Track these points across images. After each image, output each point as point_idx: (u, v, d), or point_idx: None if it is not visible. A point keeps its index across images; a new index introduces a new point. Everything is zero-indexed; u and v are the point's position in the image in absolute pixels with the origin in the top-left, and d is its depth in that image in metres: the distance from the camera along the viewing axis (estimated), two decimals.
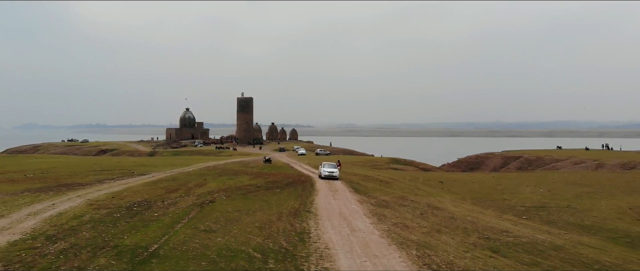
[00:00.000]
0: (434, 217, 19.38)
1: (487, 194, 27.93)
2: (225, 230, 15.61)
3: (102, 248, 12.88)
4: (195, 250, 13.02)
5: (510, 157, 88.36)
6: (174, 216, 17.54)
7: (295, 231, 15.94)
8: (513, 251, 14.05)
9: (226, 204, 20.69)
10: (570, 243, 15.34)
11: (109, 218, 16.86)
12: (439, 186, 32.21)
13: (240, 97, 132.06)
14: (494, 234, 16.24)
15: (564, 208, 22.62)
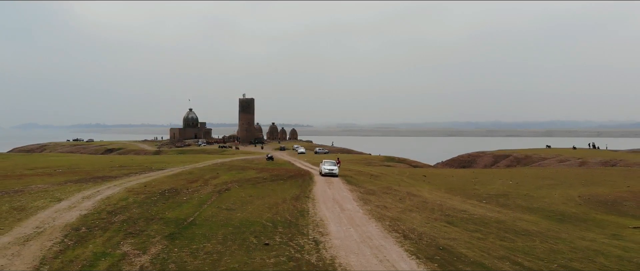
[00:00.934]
0: (409, 201, 23.70)
1: (461, 185, 32.24)
2: (242, 209, 19.90)
3: (152, 219, 17.18)
4: (221, 221, 17.31)
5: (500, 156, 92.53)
6: (199, 200, 21.84)
7: (297, 210, 20.23)
8: (464, 223, 18.37)
9: (239, 191, 24.99)
10: (511, 218, 19.67)
11: (148, 200, 21.16)
12: (421, 179, 36.49)
13: (242, 98, 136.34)
14: (453, 212, 20.56)
15: (522, 196, 26.97)
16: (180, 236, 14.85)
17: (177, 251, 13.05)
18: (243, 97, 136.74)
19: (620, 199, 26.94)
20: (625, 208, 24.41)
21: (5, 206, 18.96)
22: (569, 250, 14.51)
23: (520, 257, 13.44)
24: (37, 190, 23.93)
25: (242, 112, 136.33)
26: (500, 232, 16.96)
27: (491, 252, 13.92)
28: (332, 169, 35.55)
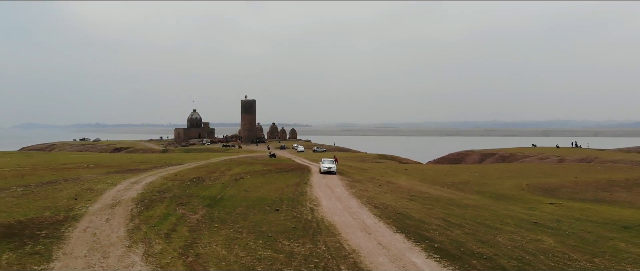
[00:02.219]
0: (386, 187, 29.93)
1: (434, 177, 38.46)
2: (255, 191, 26.11)
3: (191, 196, 23.38)
4: (242, 198, 23.50)
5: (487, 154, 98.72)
6: (222, 184, 28.06)
7: (297, 191, 26.43)
8: (422, 199, 24.61)
9: (251, 179, 31.21)
10: (459, 197, 25.92)
11: (183, 184, 27.37)
12: (402, 172, 42.68)
13: (244, 100, 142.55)
14: (417, 194, 26.81)
15: (480, 184, 33.21)
16: (216, 205, 21.06)
17: (217, 213, 19.25)
18: (245, 99, 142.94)
19: (560, 187, 33.20)
20: (559, 193, 30.64)
21: (77, 188, 25.16)
22: (488, 215, 20.72)
23: (451, 218, 19.66)
24: (91, 178, 30.13)
25: (244, 113, 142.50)
26: (446, 205, 23.19)
27: (432, 215, 20.13)
28: (330, 167, 37.26)
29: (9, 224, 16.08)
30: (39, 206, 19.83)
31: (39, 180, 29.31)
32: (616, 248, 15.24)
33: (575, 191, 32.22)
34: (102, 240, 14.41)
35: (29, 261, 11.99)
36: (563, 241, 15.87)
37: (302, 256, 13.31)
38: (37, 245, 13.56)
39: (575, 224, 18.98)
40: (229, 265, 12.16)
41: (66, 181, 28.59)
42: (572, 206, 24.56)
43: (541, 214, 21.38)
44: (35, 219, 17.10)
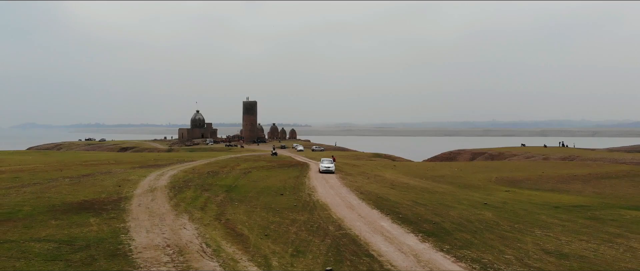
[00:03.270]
0: (373, 179, 35.17)
1: (416, 171, 43.68)
2: (263, 181, 31.33)
3: (211, 185, 28.59)
4: (252, 186, 28.71)
5: (478, 153, 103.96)
6: (234, 176, 33.28)
7: (298, 182, 31.65)
8: (400, 188, 29.84)
9: (258, 173, 36.43)
10: (432, 186, 31.18)
11: (201, 176, 32.58)
12: (391, 168, 47.92)
13: (246, 101, 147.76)
14: (398, 184, 32.06)
15: (454, 177, 38.44)
16: (232, 191, 26.30)
17: (234, 196, 24.49)
18: (246, 100, 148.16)
19: (525, 179, 38.45)
20: (521, 184, 35.89)
21: (115, 179, 30.38)
22: (450, 198, 25.95)
23: (419, 200, 24.89)
24: (121, 172, 35.33)
25: (246, 114, 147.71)
26: (419, 192, 28.44)
27: (405, 198, 25.37)
28: (328, 167, 38.49)
29: (80, 202, 21.30)
30: (93, 191, 25.05)
31: (77, 173, 34.49)
32: (537, 219, 20.48)
33: (537, 182, 37.46)
34: (155, 211, 19.64)
35: (111, 223, 17.20)
36: (499, 215, 21.11)
37: (302, 221, 18.55)
38: (110, 214, 18.78)
39: (516, 205, 24.24)
40: (251, 225, 17.40)
41: (101, 174, 33.79)
42: (523, 193, 29.83)
43: (493, 199, 26.63)
44: (96, 199, 22.32)
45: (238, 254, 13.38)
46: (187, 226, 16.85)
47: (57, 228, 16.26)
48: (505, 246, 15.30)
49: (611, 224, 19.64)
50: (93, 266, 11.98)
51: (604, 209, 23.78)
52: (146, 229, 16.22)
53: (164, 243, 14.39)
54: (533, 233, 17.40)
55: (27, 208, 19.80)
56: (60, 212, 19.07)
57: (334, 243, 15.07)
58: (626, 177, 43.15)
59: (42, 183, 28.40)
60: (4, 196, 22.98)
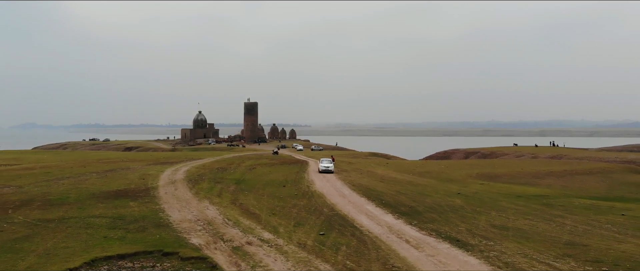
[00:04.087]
0: (366, 174, 39.28)
1: (406, 168, 47.77)
2: (267, 176, 35.44)
3: (222, 178, 32.70)
4: (258, 180, 32.82)
5: (471, 152, 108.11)
6: (241, 172, 37.39)
7: (298, 177, 35.74)
8: (388, 181, 33.97)
9: (262, 169, 40.54)
10: (416, 180, 35.30)
11: (212, 172, 36.67)
12: (384, 165, 52.01)
13: (247, 102, 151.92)
14: (387, 178, 36.18)
15: (439, 173, 42.52)
16: (241, 183, 30.40)
17: (244, 187, 28.59)
18: (248, 101, 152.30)
19: (503, 175, 42.52)
20: (499, 179, 39.95)
21: (137, 174, 34.46)
22: (429, 189, 30.04)
23: (402, 190, 29.00)
24: (139, 168, 39.41)
25: (247, 115, 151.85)
26: (404, 184, 32.54)
27: (390, 189, 29.47)
28: (328, 167, 39.15)
29: (115, 191, 25.42)
30: (122, 182, 29.15)
31: (100, 169, 38.57)
32: (497, 204, 24.58)
33: (514, 177, 41.54)
34: (180, 197, 23.75)
35: (148, 205, 21.29)
36: (466, 202, 25.21)
37: (302, 205, 22.66)
38: (144, 199, 22.88)
39: (485, 195, 28.36)
40: (260, 207, 21.52)
41: (122, 170, 37.88)
42: (496, 185, 33.97)
43: (467, 190, 30.75)
44: (128, 189, 26.42)
45: (253, 225, 17.50)
46: (209, 208, 20.96)
47: (105, 208, 20.37)
48: (462, 222, 19.40)
49: (558, 209, 23.76)
50: (146, 232, 16.08)
51: (559, 198, 27.91)
52: (177, 209, 20.33)
53: (194, 218, 18.51)
54: (489, 214, 21.50)
55: (73, 195, 23.91)
56: (102, 198, 23.18)
57: (327, 219, 19.17)
58: (599, 173, 47.28)
59: (74, 177, 32.50)
60: (48, 187, 27.09)
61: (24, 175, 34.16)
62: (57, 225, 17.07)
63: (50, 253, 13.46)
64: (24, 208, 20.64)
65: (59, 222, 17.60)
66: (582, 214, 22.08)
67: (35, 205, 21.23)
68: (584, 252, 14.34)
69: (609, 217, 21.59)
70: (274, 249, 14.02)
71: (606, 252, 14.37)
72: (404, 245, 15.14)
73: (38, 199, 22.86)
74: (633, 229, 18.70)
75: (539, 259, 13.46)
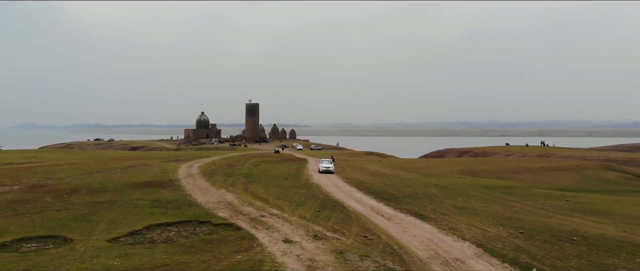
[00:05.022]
0: (359, 170, 44.03)
1: (397, 165, 52.51)
2: (271, 171, 40.18)
3: (232, 173, 37.45)
4: (263, 174, 37.56)
5: (464, 151, 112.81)
6: (248, 168, 42.13)
7: (298, 172, 40.47)
8: (378, 176, 38.73)
9: (266, 165, 45.28)
10: (402, 175, 40.07)
11: (222, 167, 41.40)
12: (377, 163, 56.74)
13: (248, 103, 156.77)
14: (377, 173, 40.94)
15: (426, 169, 47.26)
16: (249, 177, 35.14)
17: (252, 179, 33.32)
18: (249, 102, 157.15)
19: (483, 171, 47.25)
20: (478, 174, 44.67)
21: (157, 168, 39.16)
22: (412, 182, 34.75)
23: (388, 182, 33.72)
24: (156, 164, 44.13)
25: (248, 115, 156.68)
26: (391, 178, 37.27)
27: (378, 181, 34.18)
28: (328, 167, 39.99)
29: (144, 182, 30.15)
30: (147, 175, 33.88)
31: (121, 165, 43.31)
32: (466, 192, 29.26)
33: (493, 173, 46.28)
34: (200, 186, 28.50)
35: (176, 192, 26.00)
36: (441, 191, 29.92)
37: (302, 192, 27.41)
38: (171, 188, 27.61)
39: (459, 186, 33.09)
40: (268, 193, 26.28)
41: (142, 166, 42.62)
42: (472, 179, 38.71)
43: (445, 182, 35.49)
44: (154, 180, 31.16)
45: (263, 205, 22.25)
46: (227, 194, 25.71)
47: (142, 194, 25.12)
48: (430, 204, 24.14)
49: (515, 196, 28.48)
50: (181, 209, 20.81)
51: (522, 189, 32.67)
52: (201, 195, 25.10)
53: (216, 200, 23.27)
54: (455, 199, 26.24)
55: (111, 185, 28.67)
56: (135, 187, 27.93)
57: (322, 202, 23.92)
58: (573, 170, 52.00)
59: (103, 172, 37.27)
60: (85, 179, 31.86)
61: (56, 170, 38.91)
62: (110, 205, 21.80)
63: (115, 222, 18.19)
64: (75, 194, 25.39)
65: (110, 203, 22.34)
66: (533, 200, 26.80)
67: (83, 192, 25.99)
68: (514, 223, 19.05)
69: (555, 202, 26.32)
70: (281, 219, 18.75)
71: (531, 223, 19.07)
72: (379, 217, 19.87)
73: (82, 188, 27.61)
74: (567, 210, 23.41)
75: (476, 226, 18.19)
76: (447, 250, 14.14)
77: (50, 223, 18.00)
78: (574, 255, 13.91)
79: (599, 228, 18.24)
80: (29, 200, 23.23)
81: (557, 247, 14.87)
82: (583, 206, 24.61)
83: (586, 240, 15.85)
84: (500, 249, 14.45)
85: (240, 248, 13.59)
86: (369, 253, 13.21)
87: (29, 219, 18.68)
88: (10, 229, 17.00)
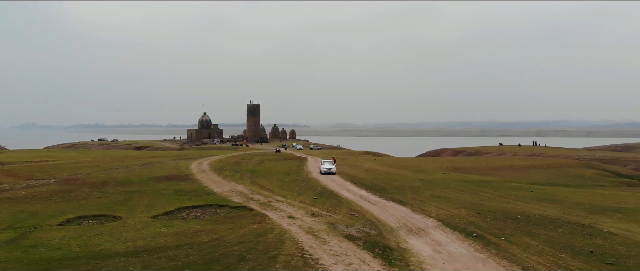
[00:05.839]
0: (353, 167, 48.19)
1: (389, 163, 56.65)
2: (273, 167, 44.35)
3: (239, 169, 41.64)
4: (267, 170, 41.74)
5: (458, 151, 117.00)
6: (252, 165, 46.30)
7: (299, 168, 44.63)
8: (371, 171, 42.91)
9: (269, 163, 49.43)
10: (392, 171, 44.27)
11: (230, 164, 45.57)
12: (371, 161, 60.91)
13: (250, 104, 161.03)
14: (370, 169, 45.12)
15: (415, 166, 51.41)
16: (255, 172, 39.30)
17: (257, 174, 37.49)
18: (250, 103, 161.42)
19: (468, 168, 51.40)
20: (463, 171, 48.81)
21: (171, 165, 43.28)
22: (400, 177, 38.88)
23: (378, 177, 37.87)
24: (169, 162, 48.26)
25: (250, 116, 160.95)
26: (382, 173, 41.43)
27: (370, 176, 38.32)
28: (330, 168, 40.58)
29: (163, 176, 34.31)
30: (163, 171, 38.01)
31: (137, 163, 47.44)
32: (445, 185, 33.38)
33: (477, 170, 50.41)
34: (214, 180, 32.66)
35: (194, 184, 30.14)
36: (424, 184, 34.06)
37: (302, 185, 31.57)
38: (189, 180, 31.77)
39: (441, 180, 37.23)
40: (273, 185, 30.45)
41: (156, 163, 46.76)
42: (455, 175, 42.86)
43: (430, 177, 39.63)
44: (172, 175, 35.31)
45: (270, 194, 26.43)
46: (237, 185, 29.89)
47: (165, 185, 29.28)
48: (411, 194, 28.28)
49: (489, 188, 32.60)
50: (202, 197, 24.97)
51: (497, 183, 36.81)
52: (216, 186, 29.29)
53: (229, 190, 27.45)
54: (434, 190, 30.38)
55: (135, 179, 32.83)
56: (157, 180, 32.09)
57: (319, 192, 28.08)
58: (555, 167, 56.20)
59: (123, 168, 41.43)
60: (109, 174, 36.01)
61: (80, 167, 43.06)
62: (140, 194, 25.96)
63: (150, 205, 22.33)
64: (106, 186, 29.53)
65: (140, 192, 26.50)
66: (502, 191, 30.94)
67: (113, 184, 30.14)
68: (476, 207, 23.20)
69: (520, 193, 30.45)
70: (285, 203, 22.93)
71: (490, 207, 23.21)
72: (366, 203, 24.04)
73: (111, 181, 31.76)
74: (527, 198, 27.54)
75: (443, 209, 22.35)
76: (413, 223, 18.30)
77: (97, 206, 22.16)
78: (512, 227, 18.07)
79: (545, 210, 22.41)
80: (70, 190, 27.37)
81: (502, 222, 19.03)
82: (543, 196, 28.76)
83: (528, 218, 20.00)
84: (456, 223, 18.61)
85: (255, 221, 17.77)
86: (353, 224, 17.39)
87: (78, 204, 22.83)
88: (67, 210, 21.14)
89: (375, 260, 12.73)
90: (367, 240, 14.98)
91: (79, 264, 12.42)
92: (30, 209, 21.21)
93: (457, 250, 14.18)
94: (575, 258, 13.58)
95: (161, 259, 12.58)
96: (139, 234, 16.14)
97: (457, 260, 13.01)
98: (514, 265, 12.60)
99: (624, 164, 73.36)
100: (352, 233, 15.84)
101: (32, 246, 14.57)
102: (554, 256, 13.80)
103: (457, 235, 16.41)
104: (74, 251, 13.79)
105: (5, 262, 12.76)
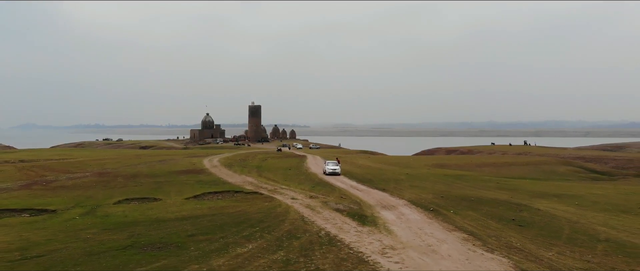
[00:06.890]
0: (349, 164, 53.62)
1: (382, 160, 62.05)
2: (276, 164, 49.78)
3: (246, 165, 47.07)
4: (271, 166, 47.17)
5: (452, 150, 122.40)
6: (257, 162, 51.75)
7: (299, 165, 50.05)
8: (363, 167, 48.38)
9: (272, 160, 54.86)
10: (383, 167, 49.74)
11: (237, 161, 50.99)
12: (366, 158, 66.32)
13: (251, 105, 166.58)
14: (363, 166, 50.56)
15: (406, 163, 56.82)
16: (260, 168, 44.74)
17: (262, 170, 42.93)
18: (252, 105, 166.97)
19: (452, 165, 56.80)
20: (446, 167, 54.22)
21: (186, 161, 48.73)
22: (389, 172, 44.32)
23: (369, 172, 43.29)
24: (183, 159, 53.67)
25: (251, 117, 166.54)
26: (372, 169, 46.84)
27: (361, 172, 43.72)
28: (334, 169, 40.86)
29: (182, 170, 39.72)
30: (180, 166, 43.40)
31: (153, 160, 52.83)
32: (425, 178, 38.80)
33: (460, 166, 55.80)
34: (226, 173, 38.07)
35: (210, 177, 35.54)
36: (407, 177, 39.46)
37: (302, 178, 37.02)
38: (205, 174, 37.17)
39: (423, 175, 42.64)
40: (277, 178, 35.89)
41: (171, 160, 52.15)
42: (438, 170, 48.28)
43: (415, 172, 45.03)
44: (189, 169, 40.70)
45: (276, 184, 31.89)
46: (247, 178, 35.32)
47: (186, 177, 34.68)
48: (394, 184, 33.67)
49: (463, 181, 37.99)
50: (219, 185, 30.36)
51: (471, 176, 42.20)
52: (229, 178, 34.72)
53: (241, 181, 32.87)
54: (414, 182, 35.77)
55: (158, 172, 38.24)
56: (178, 173, 37.49)
57: (316, 183, 33.49)
58: (533, 165, 61.59)
59: (142, 164, 46.84)
60: (133, 169, 41.42)
61: (104, 163, 48.48)
62: (168, 183, 31.35)
63: (180, 191, 27.74)
64: (136, 178, 34.93)
65: (167, 182, 31.90)
66: (473, 183, 36.33)
67: (141, 176, 35.55)
68: (443, 193, 28.57)
69: (488, 184, 35.85)
70: (289, 190, 28.36)
71: (454, 193, 28.58)
72: (355, 191, 29.46)
73: (138, 174, 37.18)
74: (491, 188, 32.90)
75: (416, 194, 27.74)
76: (388, 202, 23.73)
77: (137, 191, 27.59)
78: (464, 206, 23.47)
79: (497, 195, 27.82)
80: (108, 181, 32.79)
81: (457, 202, 24.45)
82: (505, 186, 34.17)
83: (480, 200, 25.39)
84: (421, 202, 24.02)
85: (266, 201, 23.23)
86: (341, 202, 22.84)
87: (121, 190, 28.26)
88: (115, 195, 26.56)
89: (354, 221, 18.17)
90: (350, 212, 20.39)
91: (146, 225, 17.82)
92: (86, 194, 26.64)
93: (414, 217, 19.57)
94: (498, 223, 18.98)
95: (203, 221, 18.01)
96: (180, 208, 21.54)
97: (411, 222, 18.41)
98: (450, 226, 17.97)
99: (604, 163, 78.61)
100: (339, 208, 21.26)
101: (104, 216, 19.99)
102: (484, 222, 19.20)
103: (418, 209, 21.80)
104: (138, 219, 19.20)
105: (92, 224, 18.16)
